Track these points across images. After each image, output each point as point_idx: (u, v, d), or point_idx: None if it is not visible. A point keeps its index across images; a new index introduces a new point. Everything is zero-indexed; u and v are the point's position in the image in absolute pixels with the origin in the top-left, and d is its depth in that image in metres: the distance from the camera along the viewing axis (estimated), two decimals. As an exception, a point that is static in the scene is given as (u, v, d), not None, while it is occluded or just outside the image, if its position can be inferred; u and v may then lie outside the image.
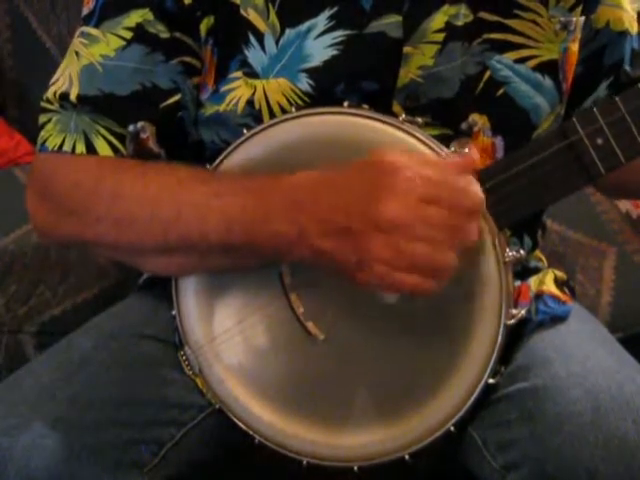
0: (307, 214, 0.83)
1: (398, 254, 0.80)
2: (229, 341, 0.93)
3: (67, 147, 0.93)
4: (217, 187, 0.88)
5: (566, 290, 1.03)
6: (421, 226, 0.80)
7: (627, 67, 1.05)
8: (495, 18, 0.95)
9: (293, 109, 0.90)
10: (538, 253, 1.09)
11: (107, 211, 0.91)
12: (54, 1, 1.71)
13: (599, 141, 0.84)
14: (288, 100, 0.93)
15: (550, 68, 0.98)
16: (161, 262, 0.93)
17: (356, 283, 0.83)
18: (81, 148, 0.93)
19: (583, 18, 0.99)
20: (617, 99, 0.84)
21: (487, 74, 0.95)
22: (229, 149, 0.91)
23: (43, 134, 0.95)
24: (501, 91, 0.96)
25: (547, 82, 0.98)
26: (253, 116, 0.93)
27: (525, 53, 0.96)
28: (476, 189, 0.82)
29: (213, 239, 0.87)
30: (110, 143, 0.93)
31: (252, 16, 0.94)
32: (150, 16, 0.93)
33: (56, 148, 0.94)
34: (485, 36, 0.95)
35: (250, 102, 0.93)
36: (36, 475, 0.85)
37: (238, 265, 0.91)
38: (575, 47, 1.00)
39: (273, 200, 0.85)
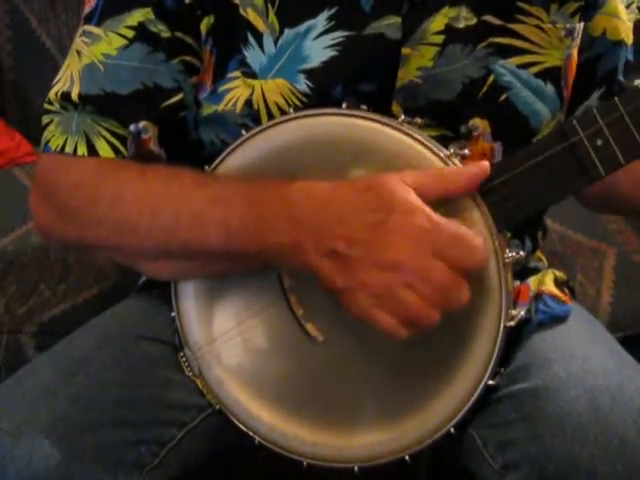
0: (306, 231, 0.82)
1: (388, 295, 0.81)
2: (229, 343, 0.93)
3: (69, 148, 0.93)
4: (217, 193, 0.88)
5: (566, 290, 1.03)
6: (420, 279, 0.80)
7: (621, 78, 1.04)
8: (499, 22, 0.95)
9: (291, 110, 0.90)
10: (538, 253, 1.09)
11: (107, 215, 0.91)
12: (54, 1, 1.71)
13: (599, 142, 0.84)
14: (286, 101, 0.92)
15: (553, 75, 0.98)
16: (162, 267, 0.93)
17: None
18: (83, 150, 0.93)
19: (582, 24, 0.99)
20: (616, 99, 0.84)
21: (491, 78, 0.95)
22: (227, 150, 0.90)
23: (46, 135, 0.95)
24: (504, 96, 0.95)
25: (549, 89, 0.98)
26: (251, 116, 0.93)
27: (529, 59, 0.96)
28: (482, 251, 0.82)
29: (213, 246, 0.87)
30: (111, 144, 0.93)
31: (251, 16, 0.93)
32: (151, 15, 0.93)
33: (59, 149, 0.94)
34: (490, 40, 0.94)
35: (248, 102, 0.93)
36: (37, 475, 0.85)
37: (239, 270, 0.91)
38: (576, 53, 1.00)
39: (273, 211, 0.84)
